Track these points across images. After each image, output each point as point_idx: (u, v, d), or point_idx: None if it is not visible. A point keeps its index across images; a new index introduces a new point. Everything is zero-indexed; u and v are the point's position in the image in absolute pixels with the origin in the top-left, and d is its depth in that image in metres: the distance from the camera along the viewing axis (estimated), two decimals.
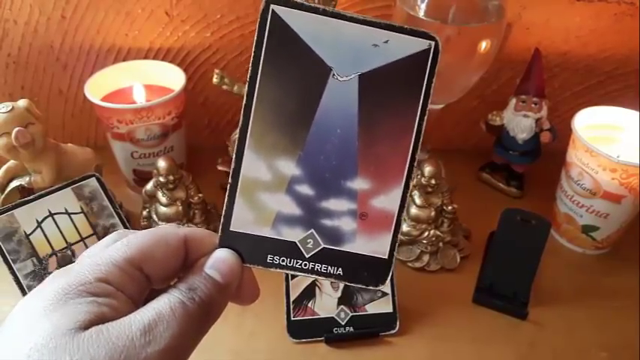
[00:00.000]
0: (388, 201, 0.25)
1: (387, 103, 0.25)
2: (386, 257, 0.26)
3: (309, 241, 0.25)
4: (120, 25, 0.60)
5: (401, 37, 0.24)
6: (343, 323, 0.47)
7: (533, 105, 0.60)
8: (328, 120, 0.25)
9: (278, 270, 0.25)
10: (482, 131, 0.65)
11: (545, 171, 0.61)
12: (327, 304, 0.47)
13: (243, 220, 0.25)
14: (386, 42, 0.24)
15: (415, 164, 0.25)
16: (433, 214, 0.53)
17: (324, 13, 0.24)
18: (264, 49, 0.24)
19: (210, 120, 0.69)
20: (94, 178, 0.47)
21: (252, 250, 0.25)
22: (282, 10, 0.24)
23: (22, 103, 0.48)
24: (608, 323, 0.50)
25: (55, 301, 0.21)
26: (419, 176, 0.53)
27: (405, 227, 0.54)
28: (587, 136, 0.53)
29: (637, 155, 0.54)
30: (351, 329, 0.47)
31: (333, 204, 0.25)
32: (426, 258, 0.54)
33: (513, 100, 0.61)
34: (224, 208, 0.25)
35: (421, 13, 0.52)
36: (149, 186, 0.53)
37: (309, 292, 0.47)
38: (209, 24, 0.61)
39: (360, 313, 0.47)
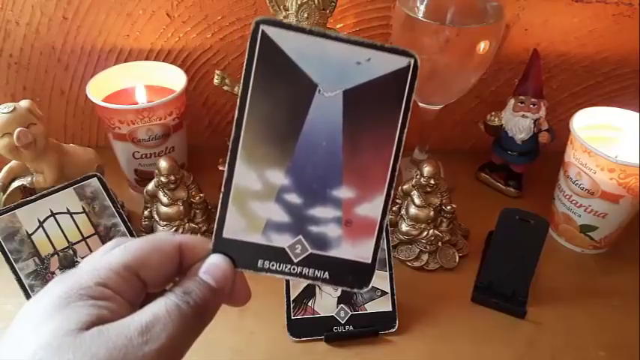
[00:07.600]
0: (371, 208, 0.27)
1: (369, 117, 0.26)
2: (369, 262, 0.27)
3: (297, 246, 0.27)
4: (121, 26, 0.61)
5: (382, 55, 0.25)
6: (343, 322, 0.47)
7: (531, 105, 0.60)
8: (315, 133, 0.26)
9: (268, 274, 0.27)
10: (481, 131, 0.65)
11: (544, 171, 0.61)
12: (327, 303, 0.48)
13: (236, 227, 0.26)
14: (368, 60, 0.25)
15: (396, 173, 0.26)
16: (432, 213, 0.54)
17: (311, 33, 0.25)
18: (254, 67, 0.25)
19: (211, 120, 0.69)
20: (95, 178, 0.48)
21: (244, 255, 0.26)
22: (271, 31, 0.25)
23: (23, 103, 0.49)
24: (606, 322, 0.50)
25: (58, 304, 0.22)
26: (418, 176, 0.53)
27: (404, 227, 0.54)
28: (585, 136, 0.53)
29: (635, 155, 0.54)
30: (351, 328, 0.47)
31: (319, 212, 0.27)
32: (425, 257, 0.54)
33: (512, 101, 0.61)
34: (217, 215, 0.26)
35: (420, 14, 0.52)
36: (150, 186, 0.53)
37: (309, 291, 0.48)
38: (210, 25, 0.61)
39: (360, 312, 0.48)
